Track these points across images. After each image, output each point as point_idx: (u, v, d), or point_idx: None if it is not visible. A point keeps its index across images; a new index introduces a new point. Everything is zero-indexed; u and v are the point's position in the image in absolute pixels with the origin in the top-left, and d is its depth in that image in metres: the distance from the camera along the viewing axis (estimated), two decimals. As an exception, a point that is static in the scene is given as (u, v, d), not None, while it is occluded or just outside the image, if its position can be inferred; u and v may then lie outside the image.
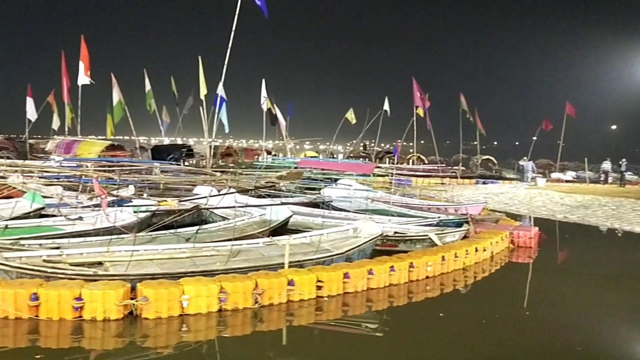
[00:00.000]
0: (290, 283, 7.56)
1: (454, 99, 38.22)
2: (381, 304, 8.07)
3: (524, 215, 18.65)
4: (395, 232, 11.24)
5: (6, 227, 9.80)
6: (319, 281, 7.87)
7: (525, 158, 33.74)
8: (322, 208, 12.86)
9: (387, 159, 38.47)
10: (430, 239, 10.91)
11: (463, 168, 36.23)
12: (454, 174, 32.50)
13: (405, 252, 9.90)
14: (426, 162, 39.42)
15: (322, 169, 20.20)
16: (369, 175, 21.36)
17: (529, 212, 19.22)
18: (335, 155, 44.59)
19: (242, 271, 7.70)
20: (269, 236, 10.05)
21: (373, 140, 41.39)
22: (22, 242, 8.45)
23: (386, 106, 34.72)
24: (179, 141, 36.38)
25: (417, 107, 31.81)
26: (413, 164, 38.61)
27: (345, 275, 8.14)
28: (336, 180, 19.54)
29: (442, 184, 28.49)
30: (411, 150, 40.31)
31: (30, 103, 30.08)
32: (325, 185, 17.50)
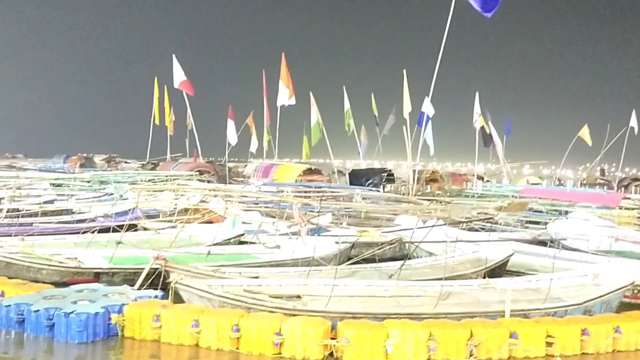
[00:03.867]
0: (513, 335, 7.23)
1: None
2: (633, 372, 7.30)
3: None
4: (650, 282, 10.13)
5: (209, 253, 10.99)
6: (549, 336, 7.40)
7: None
8: (551, 246, 12.15)
9: (634, 188, 35.04)
10: (701, 293, 9.62)
11: None
12: None
13: (666, 307, 8.83)
14: (690, 191, 35.09)
15: (552, 199, 19.09)
16: (612, 208, 19.58)
17: None
18: (563, 182, 41.84)
19: (454, 317, 7.59)
20: (484, 277, 9.79)
21: (614, 164, 38.00)
22: (224, 269, 9.40)
23: (633, 121, 31.86)
24: (376, 164, 37.39)
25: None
26: (671, 194, 34.61)
27: (584, 332, 7.53)
28: (567, 212, 18.31)
29: None
30: (668, 177, 36.21)
31: (231, 125, 33.48)
32: (554, 219, 16.46)
